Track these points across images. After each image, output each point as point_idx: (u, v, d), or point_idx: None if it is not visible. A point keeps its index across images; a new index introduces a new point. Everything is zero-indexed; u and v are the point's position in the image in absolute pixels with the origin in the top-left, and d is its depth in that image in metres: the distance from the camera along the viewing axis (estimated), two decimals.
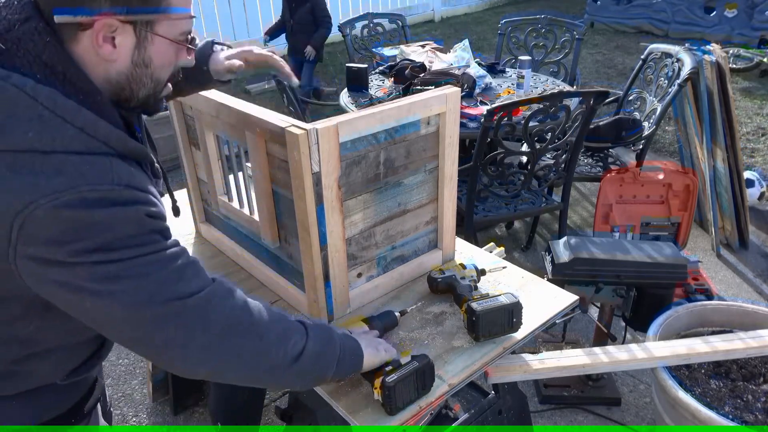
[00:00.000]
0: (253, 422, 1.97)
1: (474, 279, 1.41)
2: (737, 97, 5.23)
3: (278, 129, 1.14)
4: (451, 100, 1.33)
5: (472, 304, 1.24)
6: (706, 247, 3.20)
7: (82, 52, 0.83)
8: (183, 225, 1.76)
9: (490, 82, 3.11)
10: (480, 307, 1.23)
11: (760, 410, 1.66)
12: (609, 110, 3.57)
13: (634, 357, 1.53)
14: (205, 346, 0.87)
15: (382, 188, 1.31)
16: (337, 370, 1.04)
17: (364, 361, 1.09)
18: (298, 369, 0.97)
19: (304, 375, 1.00)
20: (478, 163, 2.47)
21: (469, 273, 1.42)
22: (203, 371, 0.91)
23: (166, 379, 2.19)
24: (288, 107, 3.21)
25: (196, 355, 0.87)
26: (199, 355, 0.87)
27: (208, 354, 0.88)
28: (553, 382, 2.25)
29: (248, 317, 0.92)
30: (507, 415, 1.51)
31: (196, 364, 0.88)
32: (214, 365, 0.90)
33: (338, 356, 1.03)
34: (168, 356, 0.87)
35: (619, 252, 1.98)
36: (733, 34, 6.64)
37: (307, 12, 4.92)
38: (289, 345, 0.95)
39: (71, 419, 1.07)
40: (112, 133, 0.83)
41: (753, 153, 4.17)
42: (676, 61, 3.00)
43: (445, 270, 1.42)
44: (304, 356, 0.97)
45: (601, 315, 2.14)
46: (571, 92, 2.52)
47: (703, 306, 1.99)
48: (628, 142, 3.09)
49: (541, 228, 3.44)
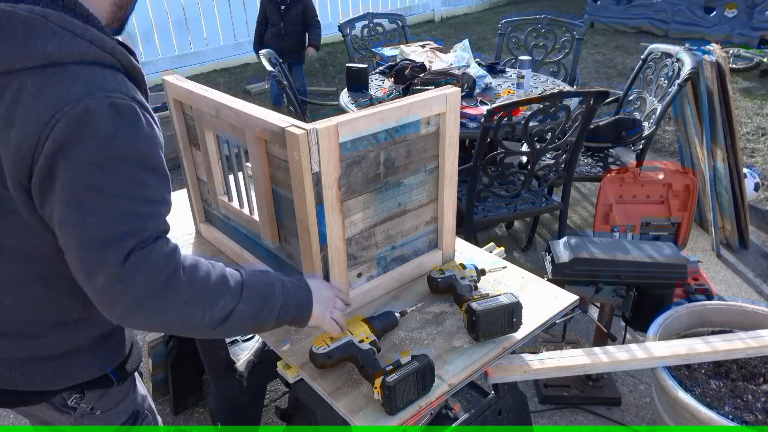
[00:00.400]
0: (253, 422, 1.97)
1: (474, 279, 1.41)
2: (737, 97, 5.23)
3: (278, 129, 1.14)
4: (451, 100, 1.33)
5: (472, 304, 1.24)
6: (706, 247, 3.20)
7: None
8: (183, 225, 1.76)
9: (490, 82, 3.11)
10: (480, 307, 1.23)
11: (760, 410, 1.66)
12: (609, 110, 3.57)
13: (634, 357, 1.53)
14: (132, 302, 0.89)
15: (382, 188, 1.31)
16: (277, 323, 1.07)
17: (310, 321, 1.13)
18: (228, 327, 1.00)
19: (233, 331, 1.04)
20: (478, 163, 2.47)
21: (469, 273, 1.42)
22: (130, 323, 0.94)
23: (166, 379, 2.19)
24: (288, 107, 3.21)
25: (123, 309, 0.90)
26: (125, 310, 0.90)
27: (134, 310, 0.90)
28: (553, 382, 2.25)
29: (174, 284, 0.93)
30: (507, 415, 1.51)
31: (122, 316, 0.91)
32: (139, 319, 0.92)
33: (275, 315, 1.06)
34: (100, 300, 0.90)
35: (619, 252, 1.98)
36: (733, 34, 6.64)
37: (299, 14, 4.92)
38: (216, 309, 0.97)
39: (123, 377, 1.17)
40: (116, 47, 0.91)
41: (753, 153, 4.17)
42: (676, 61, 3.00)
43: (445, 270, 1.42)
44: (232, 318, 0.99)
45: (601, 315, 2.14)
46: (571, 92, 2.52)
47: (703, 306, 1.99)
48: (628, 142, 3.09)
49: (541, 228, 3.44)
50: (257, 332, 1.13)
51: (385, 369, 1.09)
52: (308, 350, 1.20)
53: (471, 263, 1.47)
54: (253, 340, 2.10)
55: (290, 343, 1.29)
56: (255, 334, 1.10)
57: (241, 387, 1.89)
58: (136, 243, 0.88)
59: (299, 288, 1.12)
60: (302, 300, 1.12)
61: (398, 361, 1.10)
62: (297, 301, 1.10)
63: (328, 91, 5.78)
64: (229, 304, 0.98)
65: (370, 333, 1.21)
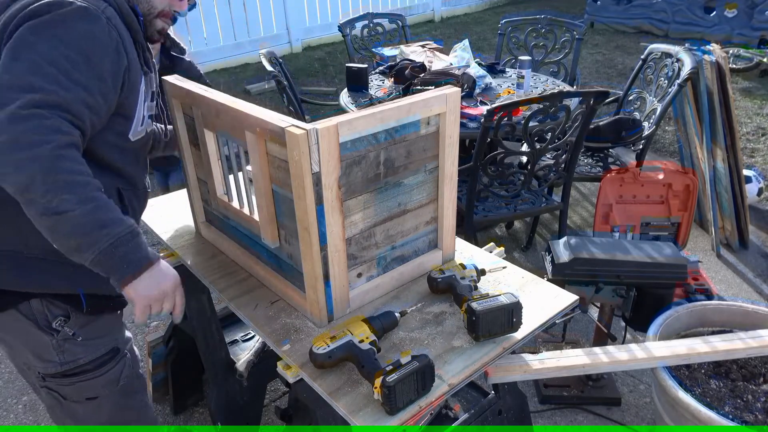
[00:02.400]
0: (253, 422, 1.97)
1: (474, 279, 1.41)
2: (737, 97, 5.23)
3: (278, 129, 1.14)
4: (451, 100, 1.33)
5: (472, 303, 1.24)
6: (706, 247, 3.20)
7: None
8: (183, 225, 1.76)
9: (490, 82, 3.11)
10: (480, 306, 1.23)
11: (760, 410, 1.66)
12: (609, 110, 3.57)
13: (634, 357, 1.53)
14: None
15: (382, 188, 1.31)
16: (91, 261, 1.06)
17: (127, 288, 1.11)
18: (50, 222, 1.02)
19: (55, 232, 1.04)
20: (478, 163, 2.47)
21: (469, 273, 1.42)
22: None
23: (166, 379, 2.19)
24: (288, 107, 3.21)
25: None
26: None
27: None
28: (553, 382, 2.25)
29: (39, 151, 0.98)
30: (507, 415, 1.51)
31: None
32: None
33: (99, 248, 1.05)
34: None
35: (619, 252, 1.98)
36: (733, 34, 6.63)
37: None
38: (56, 197, 0.99)
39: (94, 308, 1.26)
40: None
41: (753, 153, 4.17)
42: (676, 61, 3.00)
43: (445, 270, 1.42)
44: (64, 218, 1.01)
45: (601, 315, 2.14)
46: (571, 92, 2.52)
47: (703, 306, 1.99)
48: (628, 142, 3.09)
49: (541, 228, 3.44)
50: (72, 253, 1.08)
51: (385, 369, 1.09)
52: (308, 350, 1.20)
53: (471, 263, 1.47)
54: (253, 340, 2.10)
55: (290, 343, 1.29)
56: (68, 255, 1.09)
57: (241, 387, 1.89)
58: (38, 100, 0.99)
59: (139, 249, 1.10)
60: (133, 258, 1.09)
61: (398, 361, 1.10)
62: (127, 256, 1.08)
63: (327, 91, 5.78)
64: (69, 204, 1.00)
65: (370, 333, 1.21)
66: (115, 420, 1.41)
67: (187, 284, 1.67)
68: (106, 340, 1.33)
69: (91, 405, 1.35)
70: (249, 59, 7.14)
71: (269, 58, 3.22)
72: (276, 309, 1.40)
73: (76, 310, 1.25)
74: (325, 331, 1.27)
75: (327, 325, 1.33)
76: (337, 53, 7.26)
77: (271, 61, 3.20)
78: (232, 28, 7.21)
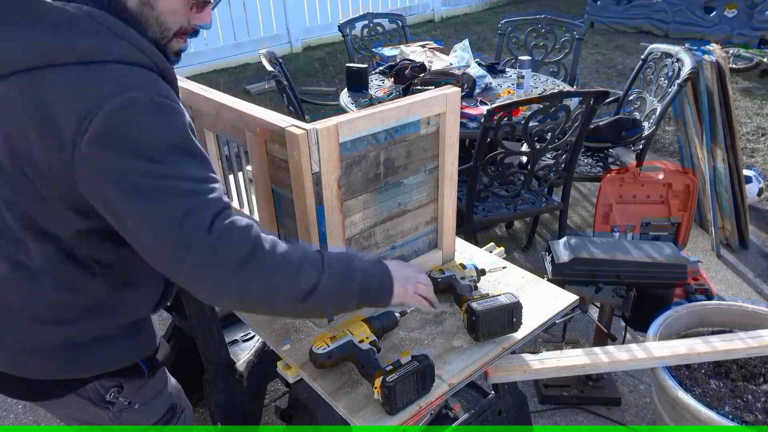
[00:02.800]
0: (253, 422, 1.97)
1: (474, 279, 1.41)
2: (737, 97, 5.22)
3: (278, 129, 1.14)
4: (451, 100, 1.33)
5: (472, 303, 1.24)
6: (706, 247, 3.20)
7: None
8: None
9: (490, 82, 3.11)
10: (480, 306, 1.23)
11: (760, 410, 1.66)
12: (609, 110, 3.57)
13: (634, 357, 1.53)
14: (223, 275, 0.91)
15: (382, 188, 1.31)
16: (359, 300, 1.07)
17: (393, 298, 1.13)
18: (313, 302, 1.00)
19: (321, 307, 1.05)
20: (478, 163, 2.47)
21: (469, 273, 1.42)
22: (220, 299, 0.96)
23: None
24: (288, 107, 3.21)
25: (214, 284, 0.92)
26: (216, 285, 0.92)
27: (225, 284, 0.92)
28: (553, 382, 2.25)
29: (261, 253, 0.94)
30: (507, 415, 1.51)
31: (214, 293, 0.93)
32: (230, 294, 0.93)
33: (358, 289, 1.05)
34: (191, 279, 0.92)
35: (619, 252, 1.98)
36: (733, 34, 6.63)
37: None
38: (301, 281, 0.97)
39: (153, 369, 1.19)
40: (154, 51, 0.94)
41: (753, 153, 4.17)
42: (676, 61, 3.00)
43: (446, 270, 1.42)
44: (319, 291, 0.99)
45: (601, 315, 2.14)
46: (571, 92, 2.52)
47: (703, 306, 1.99)
48: (628, 142, 3.09)
49: (541, 228, 3.44)
50: (341, 310, 1.12)
51: (385, 369, 1.09)
52: (308, 350, 1.20)
53: (471, 263, 1.46)
54: (253, 340, 2.10)
55: (290, 343, 1.29)
56: (339, 312, 1.13)
57: (241, 387, 1.89)
58: (212, 214, 0.90)
59: (376, 264, 1.12)
60: (382, 275, 1.11)
61: (398, 361, 1.10)
62: (377, 277, 1.10)
63: (327, 91, 5.78)
64: (313, 277, 0.99)
65: (370, 333, 1.21)
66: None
67: None
68: (162, 400, 1.26)
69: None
70: (249, 59, 7.14)
71: (269, 58, 3.22)
72: None
73: (132, 378, 1.18)
74: (325, 331, 1.27)
75: (327, 325, 1.33)
76: (337, 53, 7.25)
77: (271, 61, 3.20)
78: (232, 28, 7.21)
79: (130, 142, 0.87)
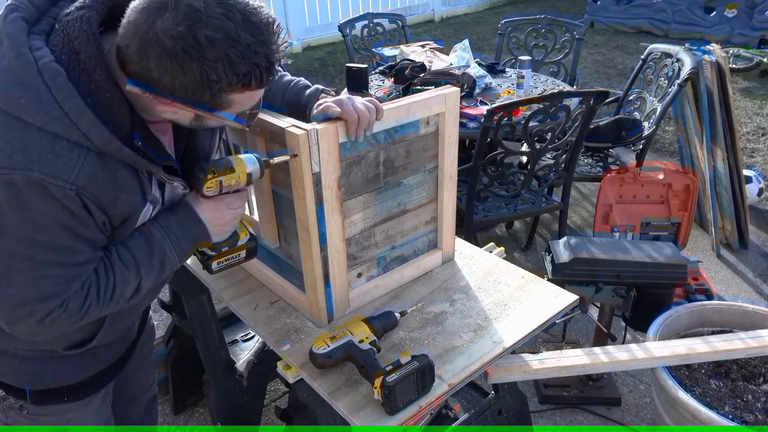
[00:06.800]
0: (253, 422, 1.97)
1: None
2: (737, 97, 5.22)
3: (278, 129, 1.14)
4: (451, 100, 1.33)
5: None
6: (706, 247, 3.20)
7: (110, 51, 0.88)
8: None
9: (490, 82, 3.11)
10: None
11: (760, 410, 1.66)
12: (609, 110, 3.57)
13: (634, 357, 1.53)
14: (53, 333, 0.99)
15: (381, 188, 1.31)
16: (181, 258, 1.08)
17: (214, 233, 1.11)
18: (142, 294, 1.06)
19: (153, 291, 1.16)
20: (478, 163, 2.47)
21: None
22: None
23: (166, 379, 2.19)
24: None
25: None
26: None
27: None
28: (553, 382, 2.25)
29: (92, 310, 0.99)
30: (507, 415, 1.51)
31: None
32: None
33: (175, 255, 1.06)
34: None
35: (619, 252, 1.98)
36: (733, 34, 6.63)
37: None
38: (126, 294, 1.02)
39: (37, 401, 1.18)
40: (95, 128, 0.85)
41: (753, 153, 4.17)
42: (676, 61, 3.00)
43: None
44: (143, 288, 1.04)
45: (601, 315, 2.14)
46: (571, 92, 2.52)
47: (703, 306, 1.99)
48: (628, 142, 3.09)
49: (541, 228, 3.44)
50: (172, 270, 1.10)
51: (385, 369, 1.09)
52: (308, 350, 1.20)
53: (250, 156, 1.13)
54: (253, 340, 2.10)
55: (290, 343, 1.29)
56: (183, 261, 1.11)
57: (241, 387, 1.89)
58: (50, 308, 0.93)
59: (182, 220, 1.08)
60: (189, 225, 1.07)
61: (398, 361, 1.10)
62: (183, 232, 1.06)
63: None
64: (133, 284, 1.02)
65: (370, 333, 1.21)
66: None
67: (187, 284, 1.68)
68: (53, 419, 1.23)
69: None
70: None
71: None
72: (276, 309, 1.40)
73: (14, 396, 1.18)
74: (325, 331, 1.27)
75: (327, 325, 1.33)
76: (337, 53, 7.25)
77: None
78: None
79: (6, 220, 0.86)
